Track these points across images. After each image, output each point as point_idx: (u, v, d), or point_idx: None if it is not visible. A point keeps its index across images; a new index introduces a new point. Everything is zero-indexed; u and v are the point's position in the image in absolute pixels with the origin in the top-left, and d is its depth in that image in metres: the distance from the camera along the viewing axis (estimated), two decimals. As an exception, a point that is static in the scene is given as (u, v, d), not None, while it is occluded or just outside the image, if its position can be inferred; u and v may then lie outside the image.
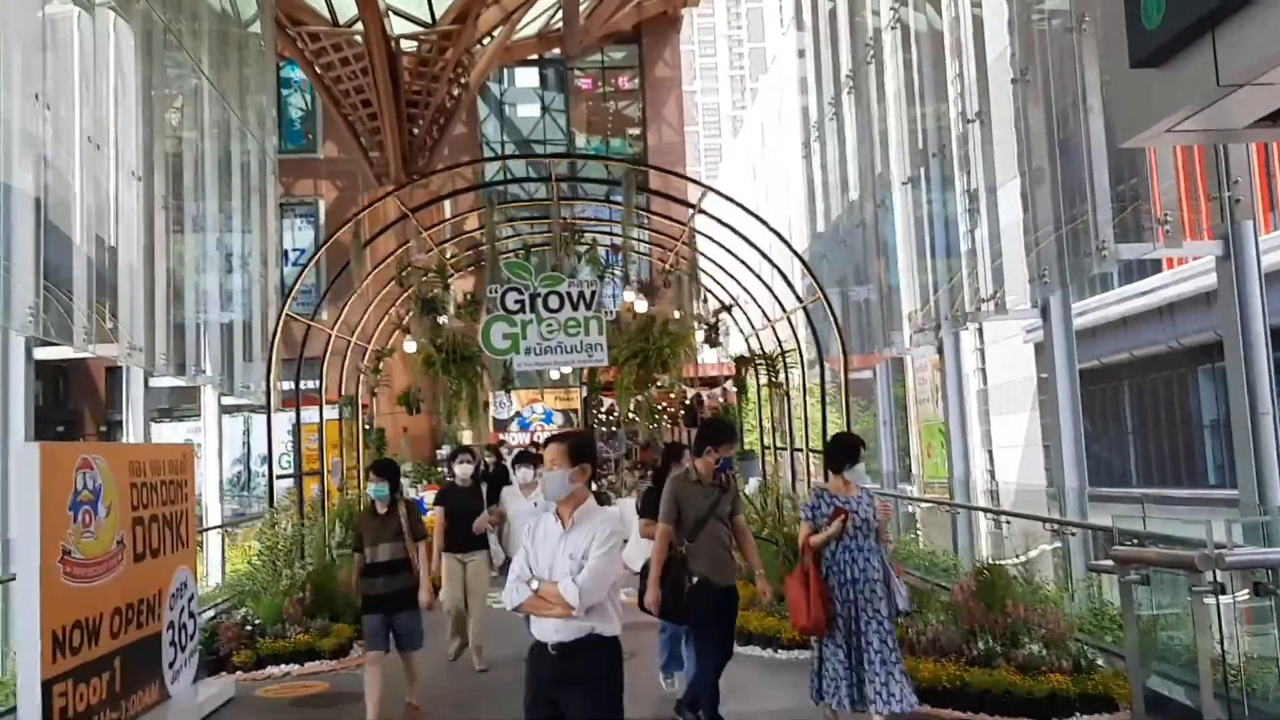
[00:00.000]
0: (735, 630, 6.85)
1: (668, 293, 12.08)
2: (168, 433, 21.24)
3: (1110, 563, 5.73)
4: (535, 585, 3.97)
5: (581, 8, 26.01)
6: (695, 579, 6.21)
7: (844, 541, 5.93)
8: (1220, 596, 4.90)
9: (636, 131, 37.21)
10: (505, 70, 35.51)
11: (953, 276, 11.51)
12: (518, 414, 34.84)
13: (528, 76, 36.18)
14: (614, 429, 22.25)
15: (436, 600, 8.52)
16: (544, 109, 35.65)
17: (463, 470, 9.36)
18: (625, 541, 6.41)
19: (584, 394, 18.26)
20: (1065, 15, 8.61)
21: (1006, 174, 10.00)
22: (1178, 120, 5.14)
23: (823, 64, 16.55)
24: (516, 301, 10.45)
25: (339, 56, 21.35)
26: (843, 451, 6.18)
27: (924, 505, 13.94)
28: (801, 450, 13.00)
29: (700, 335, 11.60)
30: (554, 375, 17.21)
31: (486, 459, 13.52)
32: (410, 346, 12.57)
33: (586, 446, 4.25)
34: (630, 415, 11.84)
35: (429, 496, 18.07)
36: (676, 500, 6.33)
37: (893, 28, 12.75)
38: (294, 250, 32.35)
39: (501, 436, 34.00)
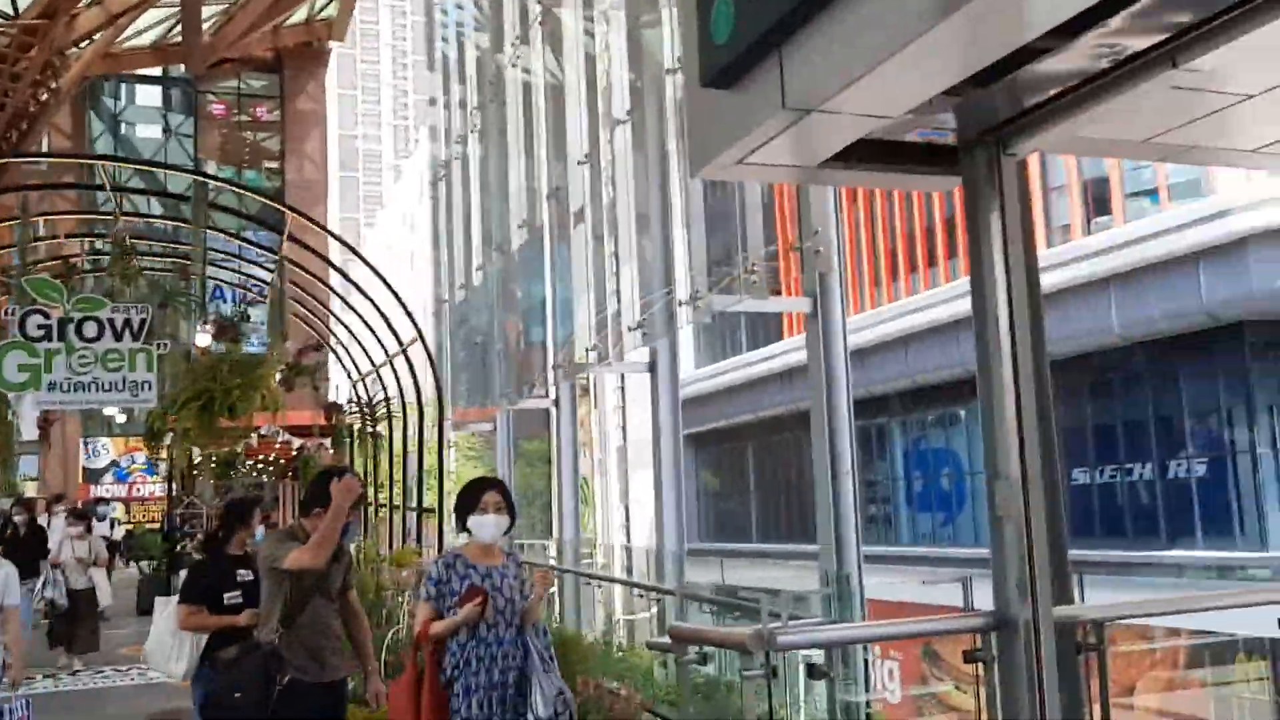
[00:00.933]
0: None
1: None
2: None
3: (667, 639, 5.08)
4: None
5: (205, 24, 23.82)
6: (287, 678, 4.64)
7: (479, 633, 4.37)
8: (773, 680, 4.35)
9: (275, 165, 34.93)
10: (123, 85, 32.15)
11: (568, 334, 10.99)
12: (114, 463, 30.90)
13: (150, 94, 32.95)
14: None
15: None
16: (167, 130, 32.56)
17: None
18: None
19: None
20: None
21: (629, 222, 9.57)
22: (748, 151, 4.61)
23: (452, 109, 15.86)
24: (40, 327, 8.64)
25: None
26: (460, 501, 4.60)
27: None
28: (411, 509, 11.80)
29: (280, 378, 10.21)
30: (120, 419, 14.90)
31: (15, 517, 11.27)
32: None
33: None
34: (193, 470, 10.14)
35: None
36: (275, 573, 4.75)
37: (514, 64, 12.20)
38: None
39: (94, 489, 29.97)
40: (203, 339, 9.17)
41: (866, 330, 22.04)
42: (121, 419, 10.87)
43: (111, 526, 20.62)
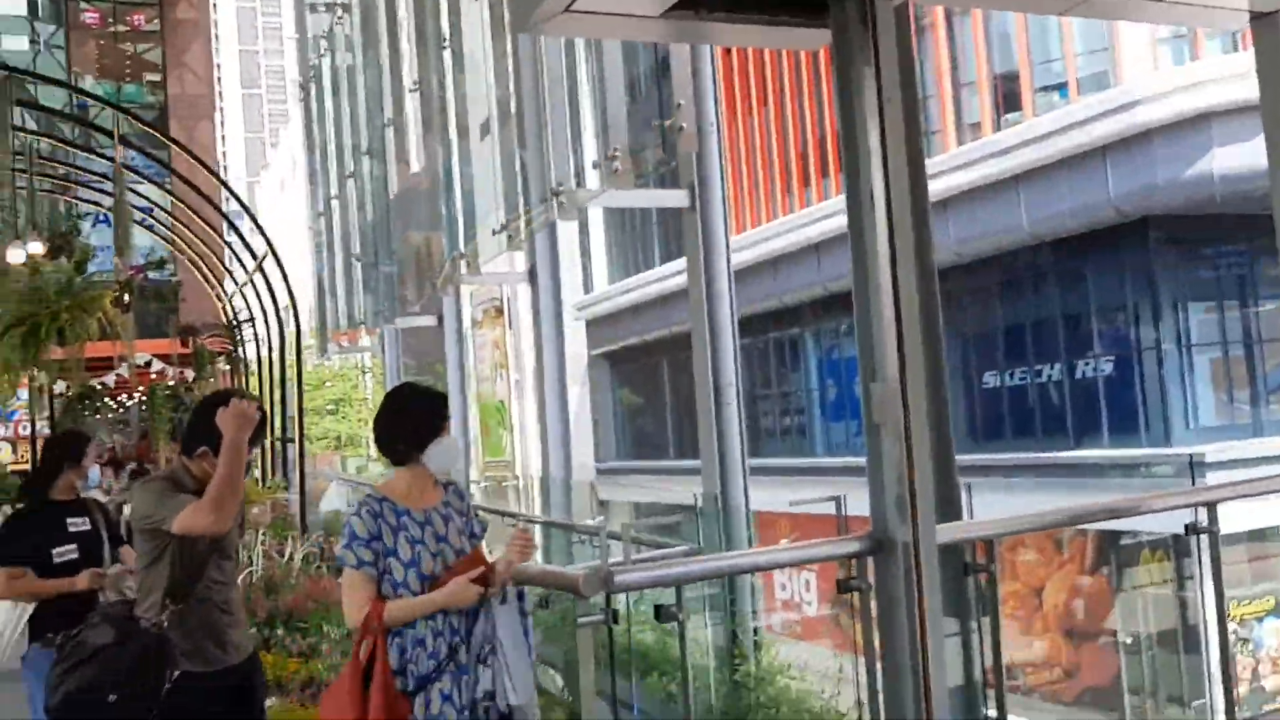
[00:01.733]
0: None
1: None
2: None
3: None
4: None
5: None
6: (177, 671, 3.44)
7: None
8: (615, 626, 3.75)
9: (157, 79, 33.00)
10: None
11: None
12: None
13: (14, 2, 30.64)
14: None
15: None
16: (35, 41, 30.42)
17: None
18: None
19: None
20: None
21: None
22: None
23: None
24: None
25: None
26: (407, 421, 3.29)
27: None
28: (277, 439, 11.00)
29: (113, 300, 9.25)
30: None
31: None
32: None
33: None
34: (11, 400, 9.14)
35: None
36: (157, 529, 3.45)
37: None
38: None
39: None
40: (15, 254, 8.14)
41: (777, 239, 21.47)
42: None
43: None
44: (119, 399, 16.13)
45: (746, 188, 23.62)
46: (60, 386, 12.54)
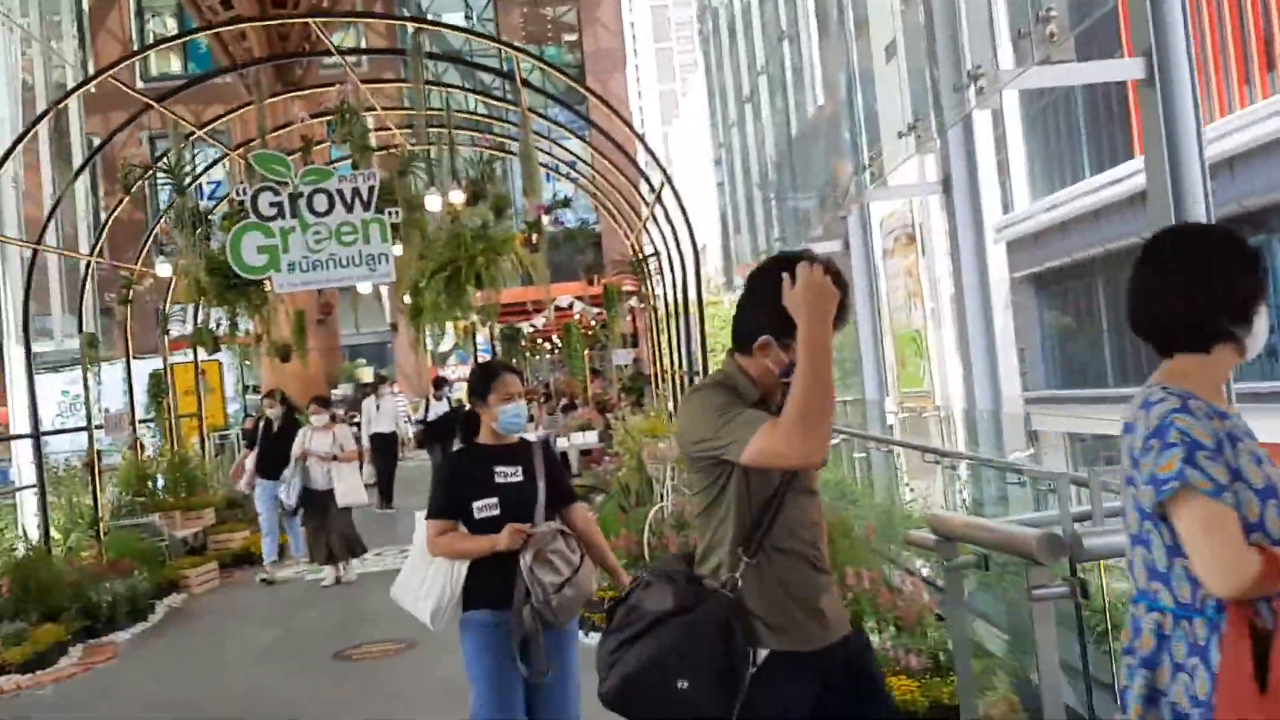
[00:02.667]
0: None
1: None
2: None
3: (931, 536, 3.50)
4: None
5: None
6: (762, 652, 2.46)
7: None
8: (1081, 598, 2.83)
9: (574, 38, 34.80)
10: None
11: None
12: (456, 346, 32.39)
13: (447, -14, 33.50)
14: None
15: None
16: (469, 17, 33.11)
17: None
18: None
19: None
20: None
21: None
22: None
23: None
24: (273, 204, 8.28)
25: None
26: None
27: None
28: (695, 374, 10.73)
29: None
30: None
31: (268, 410, 10.44)
32: (164, 269, 10.37)
33: None
34: (434, 343, 9.54)
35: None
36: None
37: None
38: (209, 183, 29.94)
39: (440, 372, 31.67)
40: (433, 201, 8.41)
41: (1237, 133, 18.25)
42: (365, 290, 10.30)
43: (453, 408, 20.74)
44: (549, 339, 16.84)
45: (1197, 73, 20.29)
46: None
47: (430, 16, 34.00)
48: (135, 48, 28.28)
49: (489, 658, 3.75)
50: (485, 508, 3.80)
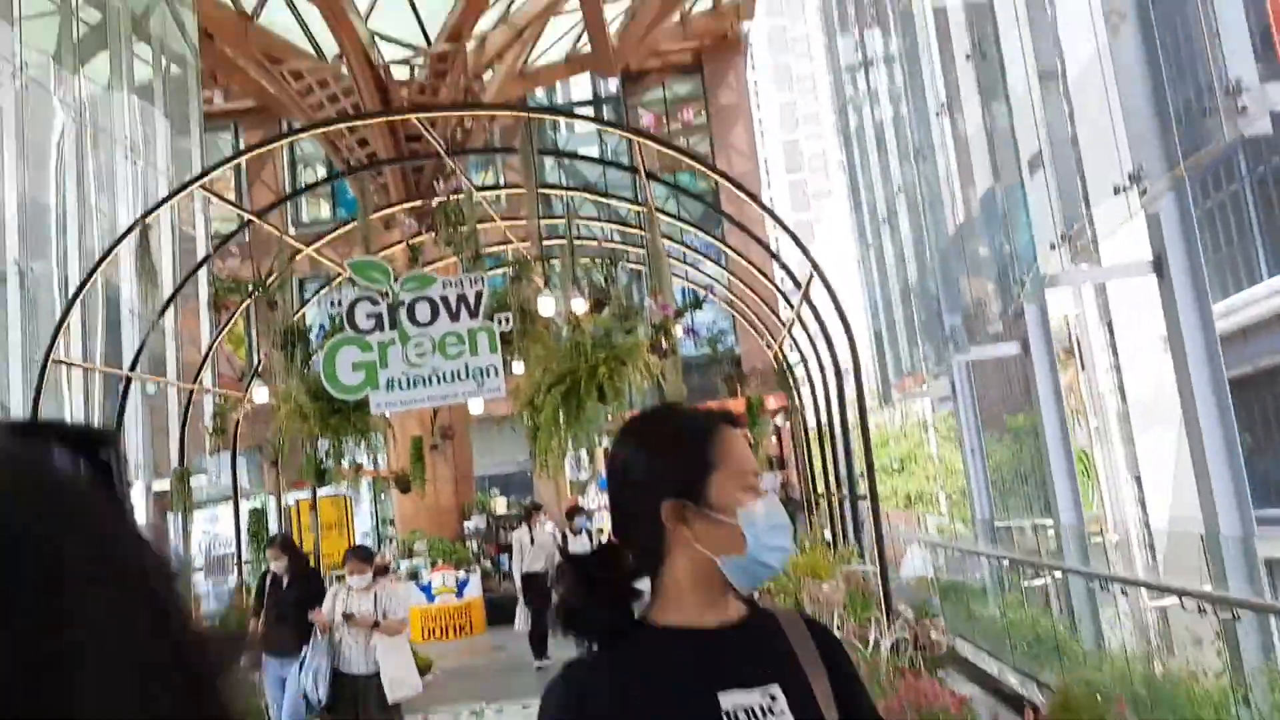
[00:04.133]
0: None
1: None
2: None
3: None
4: None
5: (611, 28, 23.35)
6: None
7: None
8: None
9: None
10: (561, 122, 33.75)
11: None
12: (597, 473, 30.77)
13: (585, 124, 34.00)
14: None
15: None
16: (603, 154, 33.36)
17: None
18: None
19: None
20: None
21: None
22: None
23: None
24: (370, 316, 7.44)
25: (326, 94, 19.10)
26: None
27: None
28: (860, 498, 9.30)
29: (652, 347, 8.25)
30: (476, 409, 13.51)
31: (273, 564, 8.04)
32: (261, 395, 9.54)
33: None
34: (557, 466, 8.34)
35: (439, 578, 15.05)
36: None
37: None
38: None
39: (580, 501, 30.29)
40: (546, 305, 7.43)
41: None
42: (478, 410, 9.33)
43: (592, 541, 19.10)
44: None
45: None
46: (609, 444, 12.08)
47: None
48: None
49: None
50: None
